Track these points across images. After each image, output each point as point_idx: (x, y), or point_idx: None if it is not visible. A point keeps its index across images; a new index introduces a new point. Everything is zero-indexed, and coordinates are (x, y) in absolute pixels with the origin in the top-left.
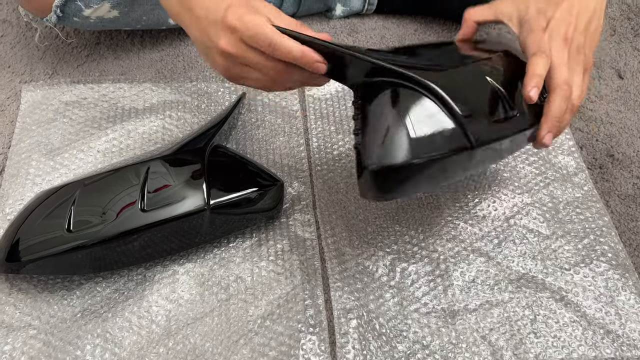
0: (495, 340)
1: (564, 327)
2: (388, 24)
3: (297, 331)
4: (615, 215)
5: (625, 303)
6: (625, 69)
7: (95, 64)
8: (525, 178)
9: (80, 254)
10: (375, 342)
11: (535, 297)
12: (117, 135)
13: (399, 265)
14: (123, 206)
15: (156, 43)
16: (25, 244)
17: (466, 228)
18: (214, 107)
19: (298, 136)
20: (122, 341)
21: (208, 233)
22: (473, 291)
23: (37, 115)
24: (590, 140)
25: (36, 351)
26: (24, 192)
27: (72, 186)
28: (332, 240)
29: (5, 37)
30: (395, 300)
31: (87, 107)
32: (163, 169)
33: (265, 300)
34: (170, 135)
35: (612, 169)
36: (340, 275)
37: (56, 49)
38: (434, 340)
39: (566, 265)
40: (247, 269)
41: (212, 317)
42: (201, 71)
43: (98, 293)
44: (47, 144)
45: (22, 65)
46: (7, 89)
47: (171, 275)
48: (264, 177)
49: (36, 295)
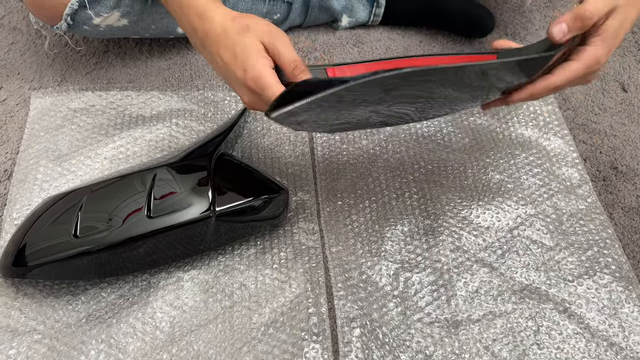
0: (499, 351)
1: (567, 338)
2: (393, 35)
3: (300, 339)
4: (619, 227)
5: (628, 315)
6: (629, 82)
7: (104, 71)
8: (529, 189)
9: (86, 259)
10: (379, 351)
11: (539, 309)
12: (124, 142)
13: (403, 274)
14: (129, 212)
15: (164, 52)
16: (32, 248)
17: (470, 238)
18: (220, 115)
19: (303, 145)
20: (126, 347)
21: (213, 240)
22: (476, 301)
23: (46, 121)
24: (594, 152)
25: (41, 356)
26: (31, 197)
27: (79, 192)
28: (336, 249)
29: (15, 45)
30: (399, 309)
31: (95, 114)
32: (169, 176)
33: (269, 308)
34: (176, 143)
35: (616, 181)
36: (344, 284)
37: (65, 57)
38: (436, 350)
39: (570, 277)
40: (251, 276)
41: (216, 324)
42: (208, 80)
43: (103, 299)
44: (55, 150)
45: (31, 72)
46: (17, 96)
47: (175, 282)
48: (269, 186)
49: (41, 300)
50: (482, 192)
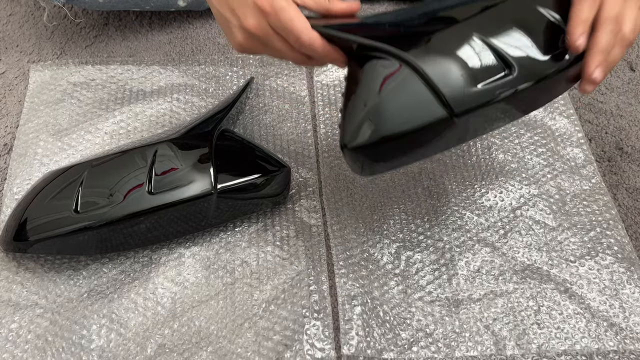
0: (499, 330)
1: (567, 318)
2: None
3: (301, 316)
4: (623, 208)
5: (629, 296)
6: (637, 61)
7: (104, 45)
8: (533, 169)
9: (87, 234)
10: (379, 329)
11: (540, 289)
12: (124, 117)
13: (404, 253)
14: (130, 188)
15: (165, 25)
16: (33, 223)
17: (472, 218)
18: (222, 90)
19: (305, 122)
20: (127, 322)
21: (214, 217)
22: (477, 281)
23: (45, 95)
24: (599, 132)
25: (43, 330)
26: (31, 172)
27: (79, 167)
28: (338, 227)
29: (14, 16)
30: (400, 288)
31: (95, 89)
32: (170, 152)
33: (270, 285)
34: (177, 119)
35: (621, 162)
36: (345, 262)
37: (64, 29)
38: (437, 329)
39: (571, 258)
40: (253, 253)
41: (217, 301)
42: (209, 54)
43: (104, 274)
44: (54, 125)
45: (30, 45)
46: (16, 69)
47: (177, 258)
48: (270, 163)
49: (43, 275)
50: (486, 172)
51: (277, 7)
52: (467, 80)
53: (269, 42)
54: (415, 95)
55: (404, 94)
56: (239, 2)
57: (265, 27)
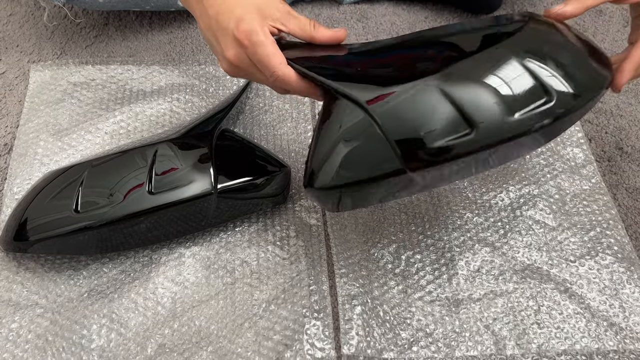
0: (499, 330)
1: (567, 318)
2: (398, 11)
3: (301, 316)
4: (623, 208)
5: (629, 296)
6: None
7: (104, 45)
8: (533, 169)
9: (87, 234)
10: (379, 328)
11: (540, 288)
12: (124, 117)
13: (404, 253)
14: (130, 188)
15: (165, 25)
16: (33, 223)
17: (472, 218)
18: (222, 91)
19: (306, 122)
20: (127, 322)
21: (214, 217)
22: (477, 281)
23: (46, 95)
24: (599, 132)
25: (43, 329)
26: (31, 171)
27: (80, 167)
28: (338, 227)
29: (14, 16)
30: (400, 288)
31: (95, 89)
32: (171, 152)
33: (271, 285)
34: (177, 118)
35: (621, 162)
36: (345, 262)
37: (64, 29)
38: (437, 329)
39: (571, 257)
40: (253, 253)
41: (218, 300)
42: (209, 54)
43: (104, 274)
44: (55, 125)
45: (30, 45)
46: (16, 68)
47: (177, 258)
48: (271, 163)
49: (43, 275)
50: (486, 172)
51: (254, 41)
52: (426, 137)
53: (248, 72)
54: (373, 145)
55: (364, 142)
56: (221, 32)
57: (245, 59)
